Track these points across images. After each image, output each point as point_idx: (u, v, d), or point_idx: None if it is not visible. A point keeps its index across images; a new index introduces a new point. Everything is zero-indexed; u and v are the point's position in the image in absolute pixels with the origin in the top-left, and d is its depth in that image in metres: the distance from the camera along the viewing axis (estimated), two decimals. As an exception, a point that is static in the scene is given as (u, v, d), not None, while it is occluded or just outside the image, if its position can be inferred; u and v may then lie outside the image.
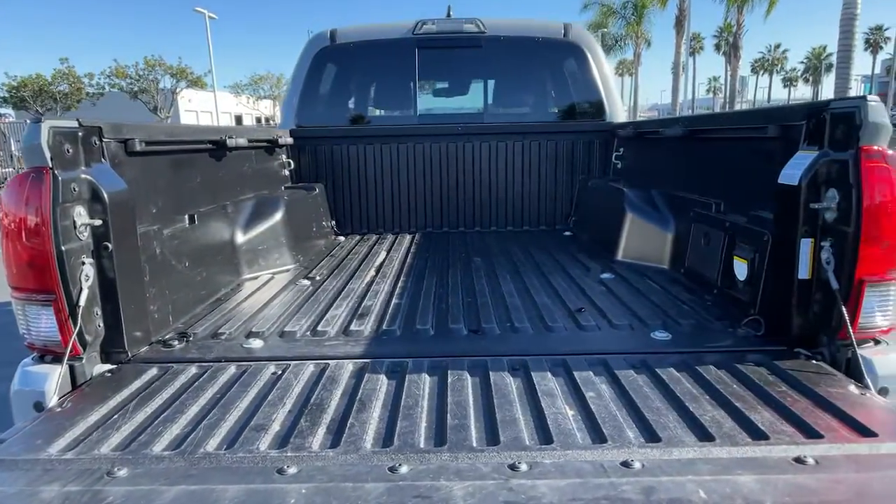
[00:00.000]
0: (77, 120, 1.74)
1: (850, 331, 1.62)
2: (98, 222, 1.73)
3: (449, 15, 4.28)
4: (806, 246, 1.74)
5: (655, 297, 2.36)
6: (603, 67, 4.06)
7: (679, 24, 31.02)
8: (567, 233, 3.92)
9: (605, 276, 2.71)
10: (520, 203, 4.10)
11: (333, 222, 4.04)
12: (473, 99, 4.48)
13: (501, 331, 2.05)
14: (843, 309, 1.63)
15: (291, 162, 3.89)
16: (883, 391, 1.64)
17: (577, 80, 4.10)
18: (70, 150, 1.68)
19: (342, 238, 3.95)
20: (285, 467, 1.20)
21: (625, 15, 35.60)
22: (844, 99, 1.66)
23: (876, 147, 1.61)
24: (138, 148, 2.05)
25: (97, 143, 1.82)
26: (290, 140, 3.80)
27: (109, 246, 1.76)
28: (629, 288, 2.51)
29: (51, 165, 1.60)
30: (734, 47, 31.46)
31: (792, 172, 1.78)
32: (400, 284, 2.67)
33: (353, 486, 1.13)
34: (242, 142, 2.87)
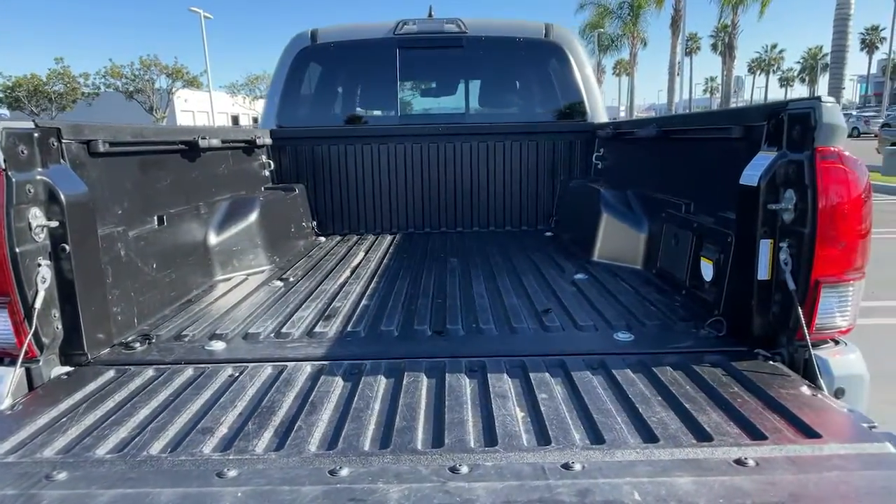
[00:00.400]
0: (33, 121, 1.73)
1: (806, 332, 1.62)
2: (55, 224, 1.72)
3: (430, 15, 4.27)
4: (765, 247, 1.74)
5: (624, 297, 2.36)
6: (584, 68, 4.06)
7: (675, 24, 31.09)
8: (548, 233, 3.92)
9: (579, 276, 2.71)
10: (501, 203, 4.10)
11: (314, 223, 4.03)
12: (455, 99, 4.47)
13: (466, 332, 2.04)
14: (800, 310, 1.63)
15: (272, 163, 3.88)
16: (839, 392, 1.64)
17: (558, 81, 4.10)
18: (25, 152, 1.67)
19: (323, 239, 3.94)
20: (225, 470, 1.19)
21: (621, 15, 35.70)
22: (801, 100, 1.66)
23: (832, 148, 1.62)
24: (102, 149, 2.04)
25: (55, 144, 1.81)
26: (268, 140, 3.79)
27: (67, 248, 1.75)
28: (600, 289, 2.51)
29: (4, 167, 1.59)
30: (729, 47, 31.55)
31: (752, 173, 1.78)
32: (372, 286, 2.67)
33: (289, 490, 1.12)
34: (216, 143, 2.86)
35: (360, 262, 3.16)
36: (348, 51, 4.09)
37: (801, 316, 1.62)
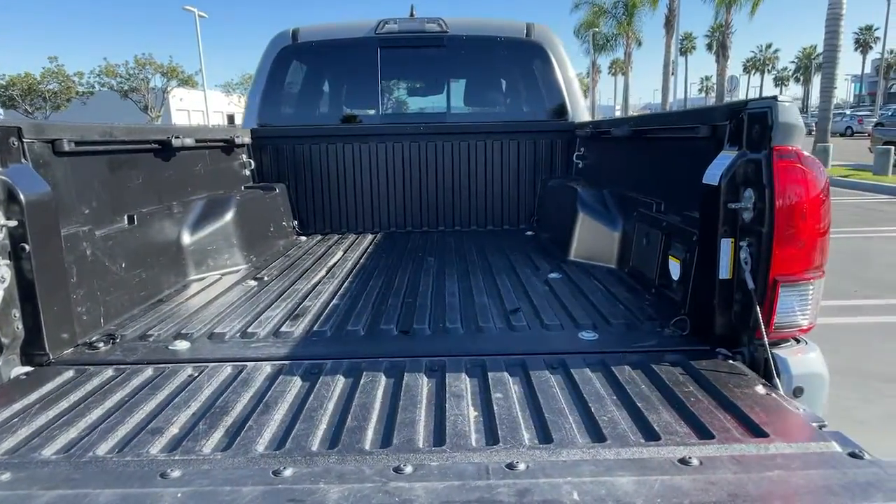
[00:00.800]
0: None
1: (764, 330, 1.62)
2: (14, 223, 1.71)
3: (412, 15, 4.27)
4: (726, 246, 1.74)
5: (595, 297, 2.36)
6: (566, 67, 4.06)
7: (669, 23, 31.12)
8: (529, 232, 3.92)
9: (553, 275, 2.71)
10: (483, 203, 4.10)
11: (296, 222, 4.02)
12: (436, 98, 4.47)
13: (432, 332, 2.04)
14: (758, 309, 1.63)
15: (252, 162, 3.87)
16: (797, 391, 1.64)
17: (539, 80, 4.09)
18: None
19: (303, 238, 3.93)
20: (169, 471, 1.18)
21: (616, 14, 35.73)
22: (759, 99, 1.67)
23: (789, 147, 1.62)
24: (67, 148, 2.03)
25: (16, 143, 1.80)
26: (248, 140, 3.78)
27: (27, 247, 1.74)
28: (572, 288, 2.51)
29: None
30: (722, 47, 31.64)
31: (713, 172, 1.78)
32: (345, 285, 2.66)
33: (230, 490, 1.12)
34: (189, 142, 2.85)
35: (336, 262, 3.16)
36: (329, 50, 4.08)
37: (759, 315, 1.62)
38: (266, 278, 2.82)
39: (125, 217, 2.38)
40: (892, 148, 14.78)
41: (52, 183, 1.89)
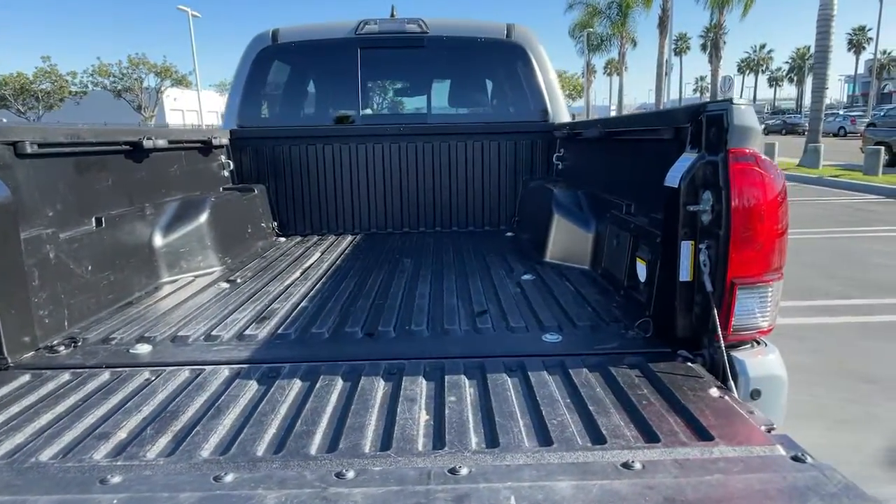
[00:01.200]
0: None
1: (720, 333, 1.62)
2: None
3: (393, 15, 4.26)
4: (686, 248, 1.74)
5: (564, 298, 2.36)
6: (546, 68, 4.05)
7: (662, 24, 31.20)
8: (509, 233, 3.92)
9: (525, 277, 2.71)
10: (464, 204, 4.09)
11: (275, 223, 4.01)
12: (417, 99, 4.46)
13: (397, 334, 2.03)
14: (715, 311, 1.63)
15: (231, 163, 3.85)
16: (755, 393, 1.65)
17: (519, 81, 4.09)
18: None
19: (283, 239, 3.92)
20: (109, 477, 1.17)
21: (610, 15, 35.80)
22: (717, 102, 1.67)
23: (747, 150, 1.62)
24: (30, 150, 2.01)
25: None
26: (226, 141, 3.77)
27: None
28: (543, 290, 2.50)
29: None
30: (715, 47, 31.76)
31: (674, 175, 1.78)
32: (317, 287, 2.65)
33: (168, 496, 1.11)
34: (162, 143, 2.84)
35: (312, 264, 3.15)
36: (309, 51, 4.07)
37: (716, 317, 1.62)
38: (239, 280, 2.81)
39: (93, 219, 2.37)
40: (882, 148, 14.87)
41: (12, 186, 1.88)
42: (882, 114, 22.52)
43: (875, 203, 11.24)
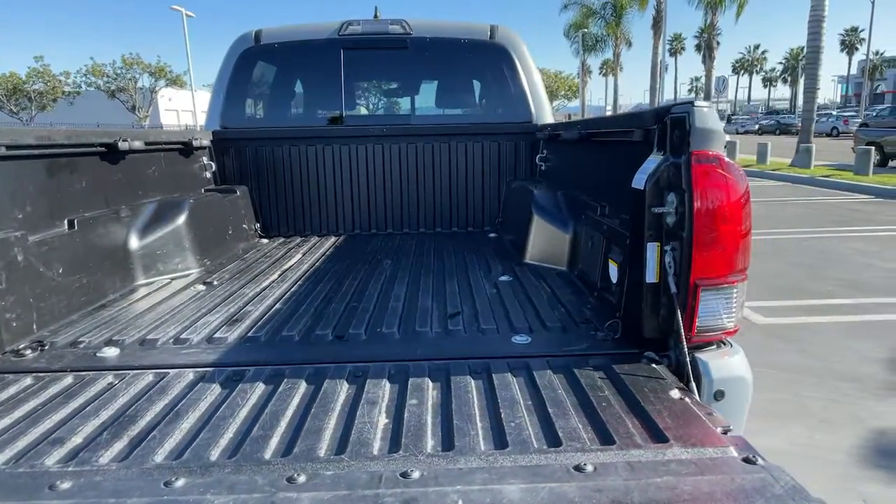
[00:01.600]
0: None
1: (683, 334, 1.63)
2: None
3: (376, 16, 4.25)
4: (652, 250, 1.74)
5: (538, 299, 2.36)
6: (529, 69, 4.06)
7: (657, 24, 31.29)
8: (492, 234, 3.92)
9: (503, 278, 2.71)
10: (447, 205, 4.09)
11: (258, 225, 4.00)
12: (401, 100, 4.46)
13: (368, 336, 2.03)
14: (679, 312, 1.64)
15: (213, 164, 3.84)
16: (718, 394, 1.65)
17: (503, 82, 4.09)
18: None
19: (265, 241, 3.91)
20: (58, 483, 1.17)
21: (604, 15, 35.89)
22: (680, 104, 1.67)
23: (709, 152, 1.63)
24: None
25: None
26: (208, 142, 3.75)
27: None
28: (518, 291, 2.50)
29: None
30: (709, 48, 31.90)
31: (640, 177, 1.78)
32: (294, 289, 2.65)
33: (114, 502, 1.10)
34: (138, 145, 2.83)
35: (292, 266, 3.14)
36: (292, 52, 4.06)
37: (679, 318, 1.63)
38: (216, 283, 2.80)
39: (65, 222, 2.35)
40: (873, 149, 14.95)
41: None
42: (874, 114, 22.67)
43: (865, 203, 11.30)
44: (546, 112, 4.08)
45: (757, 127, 44.16)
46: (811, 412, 3.50)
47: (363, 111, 4.64)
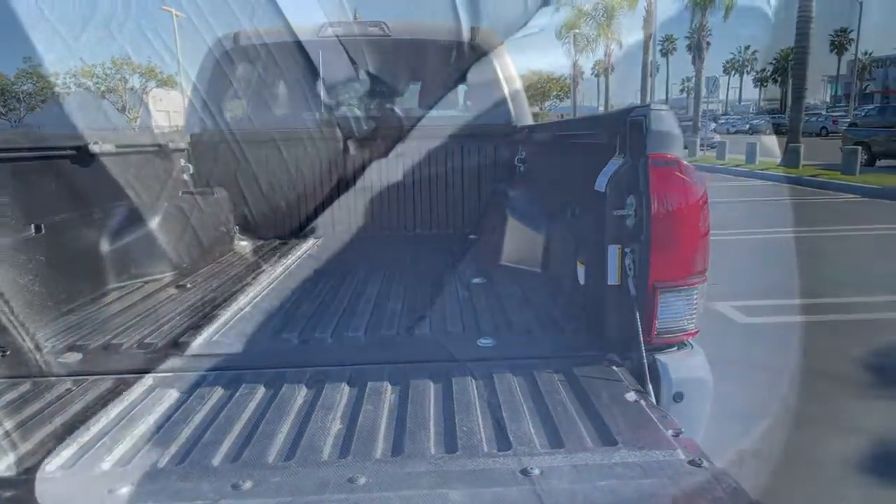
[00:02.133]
0: None
1: (641, 336, 1.63)
2: None
3: (356, 18, 4.25)
4: (613, 252, 1.75)
5: (509, 302, 2.36)
6: (509, 71, 4.06)
7: (647, 25, 31.44)
8: (472, 236, 3.92)
9: (476, 280, 2.71)
10: (427, 207, 4.08)
11: (236, 227, 3.98)
12: (380, 102, 4.45)
13: (333, 340, 2.02)
14: (637, 314, 1.64)
15: (191, 166, 3.82)
16: (677, 396, 1.66)
17: (482, 84, 4.09)
18: None
19: (244, 243, 3.89)
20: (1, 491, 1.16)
21: (595, 16, 36.04)
22: (639, 107, 1.68)
23: (667, 155, 1.63)
24: None
25: None
26: (185, 144, 3.73)
27: None
28: (489, 293, 2.51)
29: None
30: (698, 48, 32.11)
31: (602, 179, 1.79)
32: (265, 292, 2.63)
33: None
34: (109, 148, 2.81)
35: (266, 268, 3.12)
36: (271, 53, 4.04)
37: (637, 320, 1.63)
38: (189, 286, 2.78)
39: (31, 226, 2.33)
40: (860, 148, 15.08)
41: None
42: (863, 114, 22.85)
43: (851, 202, 11.40)
44: (525, 114, 4.08)
45: (748, 127, 44.46)
46: (791, 411, 3.52)
47: (342, 113, 4.63)
